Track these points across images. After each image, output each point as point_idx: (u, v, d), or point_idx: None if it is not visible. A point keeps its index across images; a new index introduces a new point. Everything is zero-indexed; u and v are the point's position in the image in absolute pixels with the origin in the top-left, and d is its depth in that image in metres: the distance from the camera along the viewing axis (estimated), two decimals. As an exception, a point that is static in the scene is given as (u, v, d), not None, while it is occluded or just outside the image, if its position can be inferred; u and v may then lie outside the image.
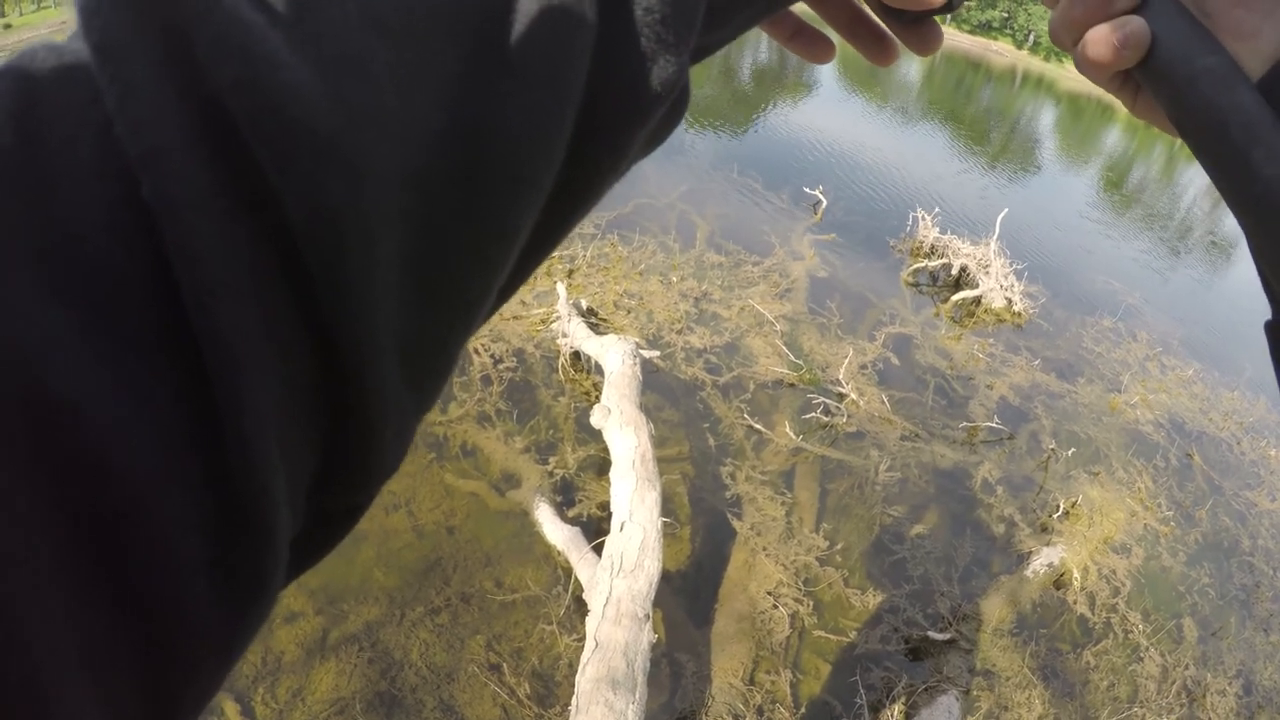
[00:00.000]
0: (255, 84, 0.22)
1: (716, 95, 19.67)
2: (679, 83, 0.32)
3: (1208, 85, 0.43)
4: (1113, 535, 5.59)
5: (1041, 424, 6.74)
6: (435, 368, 0.29)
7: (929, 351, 7.49)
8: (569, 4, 0.28)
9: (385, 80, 0.24)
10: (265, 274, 0.23)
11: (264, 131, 0.22)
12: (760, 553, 4.82)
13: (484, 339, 6.48)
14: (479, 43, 0.27)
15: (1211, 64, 0.43)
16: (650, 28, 0.30)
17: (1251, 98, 0.42)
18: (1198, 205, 25.37)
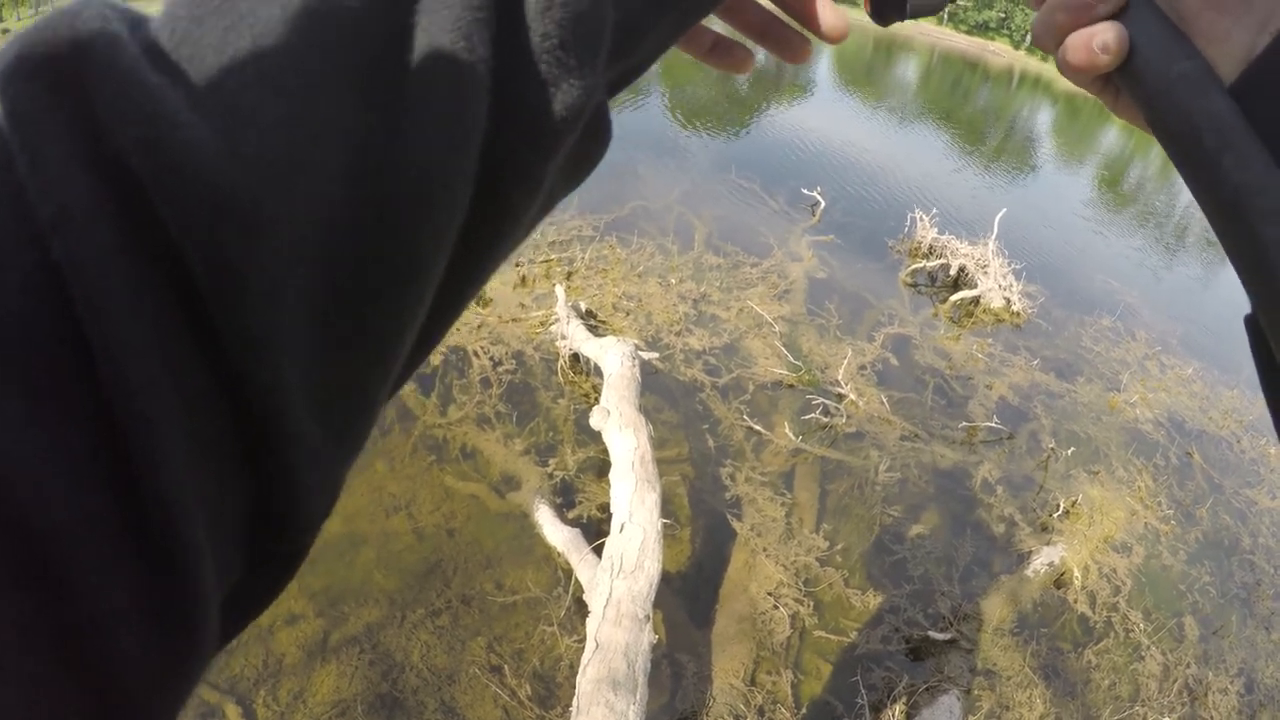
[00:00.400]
0: (155, 143, 0.22)
1: (713, 97, 19.69)
2: (586, 108, 0.32)
3: (1182, 91, 0.44)
4: (1113, 534, 5.59)
5: (1041, 423, 6.74)
6: (355, 413, 0.30)
7: (928, 352, 7.50)
8: (460, 39, 0.28)
9: (282, 133, 0.25)
10: (172, 327, 0.23)
11: (165, 189, 0.22)
12: (760, 553, 4.82)
13: (484, 342, 6.48)
14: (373, 87, 0.27)
15: (1186, 69, 0.44)
16: (549, 54, 0.30)
17: (1224, 103, 0.43)
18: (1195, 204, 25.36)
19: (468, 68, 0.28)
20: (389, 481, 5.02)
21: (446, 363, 6.25)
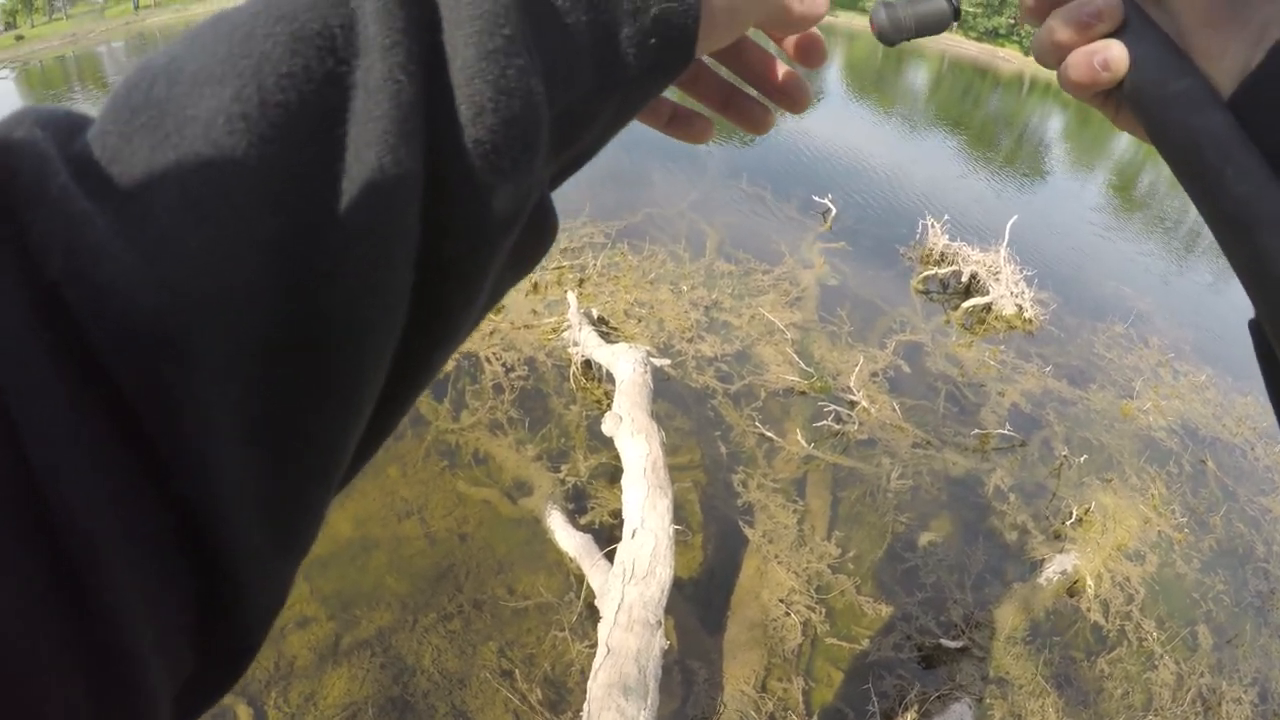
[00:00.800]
0: (83, 275, 0.23)
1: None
2: (523, 210, 0.32)
3: (1182, 106, 0.46)
4: (1126, 542, 5.56)
5: (1054, 430, 6.72)
6: (297, 519, 0.29)
7: (940, 359, 7.48)
8: (387, 153, 0.27)
9: (207, 258, 0.25)
10: (110, 449, 0.23)
11: (95, 321, 0.23)
12: (772, 560, 4.81)
13: (496, 348, 6.50)
14: (299, 206, 0.26)
15: (1185, 86, 0.46)
16: (483, 159, 0.29)
17: (1223, 118, 0.44)
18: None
19: (395, 181, 0.27)
20: (401, 486, 5.04)
21: (459, 369, 6.27)
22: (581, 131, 0.35)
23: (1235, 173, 0.43)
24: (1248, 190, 0.42)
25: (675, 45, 0.37)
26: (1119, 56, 0.48)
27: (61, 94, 22.56)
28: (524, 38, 0.30)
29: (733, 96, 0.48)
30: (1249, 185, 0.42)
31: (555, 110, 0.32)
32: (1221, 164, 0.43)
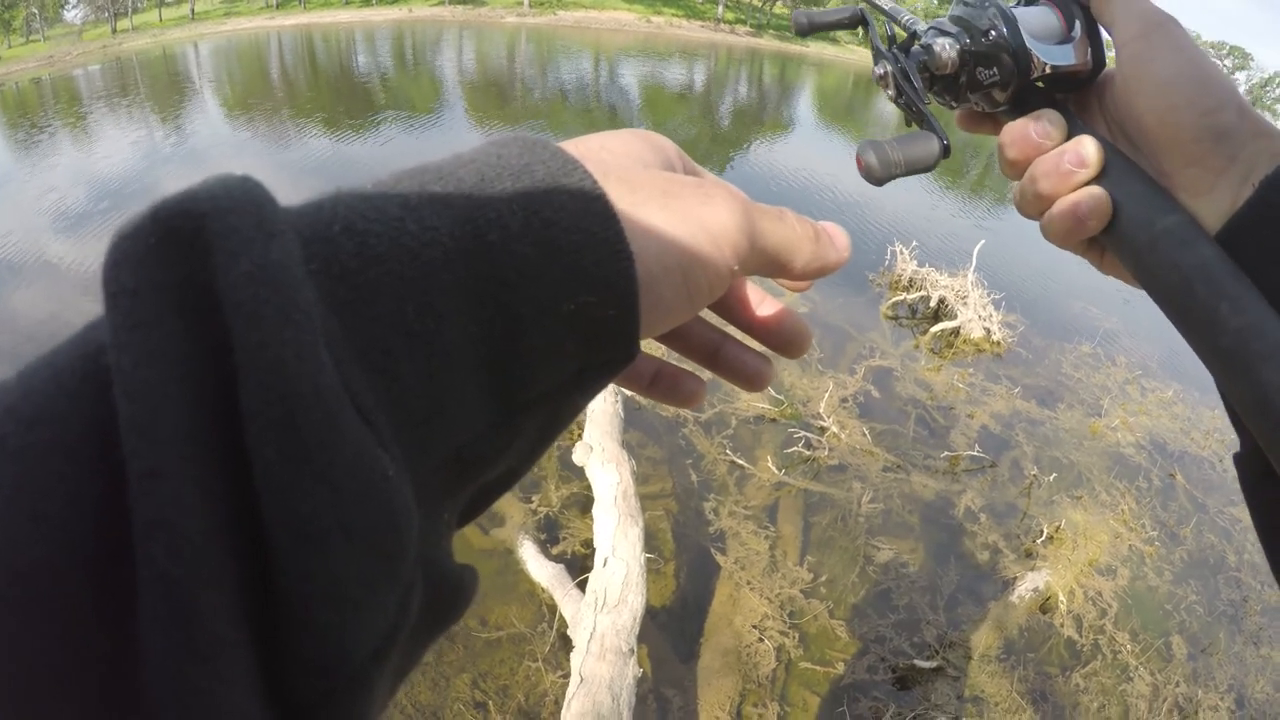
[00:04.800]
0: None
1: (696, 134, 19.90)
2: (401, 622, 0.24)
3: (1169, 244, 0.46)
4: (1098, 557, 5.60)
5: (1023, 451, 6.77)
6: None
7: (909, 383, 7.54)
8: (184, 650, 0.19)
9: None
10: None
11: None
12: (745, 587, 4.82)
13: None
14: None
15: (1171, 224, 0.47)
16: (317, 601, 0.21)
17: (1212, 252, 0.45)
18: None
19: (207, 650, 0.19)
20: (370, 522, 5.01)
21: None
22: (485, 469, 0.28)
23: (1231, 307, 0.43)
24: (1245, 323, 0.42)
25: (604, 345, 0.29)
26: (1102, 204, 0.49)
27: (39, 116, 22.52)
28: (362, 386, 0.22)
29: (722, 346, 0.42)
30: (1246, 318, 0.43)
31: (432, 463, 0.25)
32: (1216, 299, 0.44)
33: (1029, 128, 0.53)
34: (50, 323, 7.96)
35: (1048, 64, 0.54)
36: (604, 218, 0.28)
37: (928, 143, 0.55)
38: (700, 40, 48.88)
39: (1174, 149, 0.48)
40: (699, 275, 0.32)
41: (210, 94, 25.04)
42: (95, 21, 50.70)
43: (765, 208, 0.36)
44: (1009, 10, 0.55)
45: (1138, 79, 0.51)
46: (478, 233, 0.26)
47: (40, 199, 12.32)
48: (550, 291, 0.27)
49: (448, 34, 43.48)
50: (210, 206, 0.21)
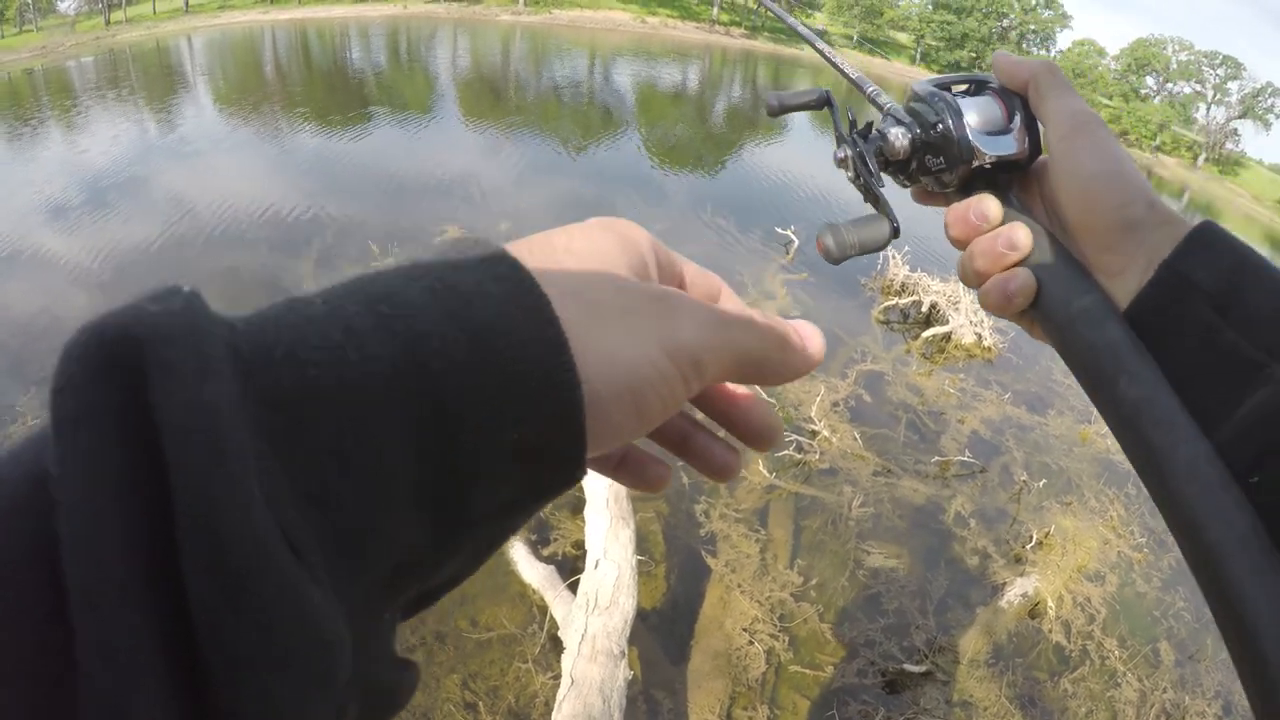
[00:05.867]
0: None
1: (690, 137, 19.92)
2: None
3: (1083, 323, 0.52)
4: (1086, 563, 5.62)
5: (1013, 456, 6.80)
6: None
7: (900, 388, 7.56)
8: None
9: None
10: None
11: None
12: (735, 589, 4.83)
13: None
14: None
15: (1085, 304, 0.52)
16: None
17: (1119, 331, 0.51)
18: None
19: None
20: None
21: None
22: (426, 580, 0.28)
23: (1129, 379, 0.48)
24: (1140, 395, 0.48)
25: (549, 471, 0.29)
26: (1028, 284, 0.55)
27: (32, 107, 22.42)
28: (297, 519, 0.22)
29: (691, 436, 0.41)
30: (1141, 389, 0.48)
31: (369, 580, 0.25)
32: (1116, 371, 0.49)
33: (969, 210, 0.60)
34: (41, 316, 7.93)
35: (988, 154, 0.59)
36: (554, 347, 0.28)
37: (879, 225, 0.62)
38: (695, 41, 48.88)
39: (1092, 236, 0.55)
40: (651, 398, 0.31)
41: (204, 87, 24.95)
42: (89, 13, 50.31)
43: (734, 317, 0.35)
44: (956, 104, 0.61)
45: (1062, 174, 0.57)
46: (421, 363, 0.25)
47: (31, 191, 12.26)
48: (494, 422, 0.26)
49: (442, 31, 43.39)
50: (149, 334, 0.21)
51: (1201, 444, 0.45)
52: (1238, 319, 0.48)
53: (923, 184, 0.65)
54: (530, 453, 0.27)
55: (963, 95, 0.63)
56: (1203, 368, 0.48)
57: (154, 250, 9.65)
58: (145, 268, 9.13)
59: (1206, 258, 0.50)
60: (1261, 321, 0.47)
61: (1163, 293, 0.51)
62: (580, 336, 0.29)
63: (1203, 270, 0.50)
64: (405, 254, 0.31)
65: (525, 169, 14.32)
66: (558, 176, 13.80)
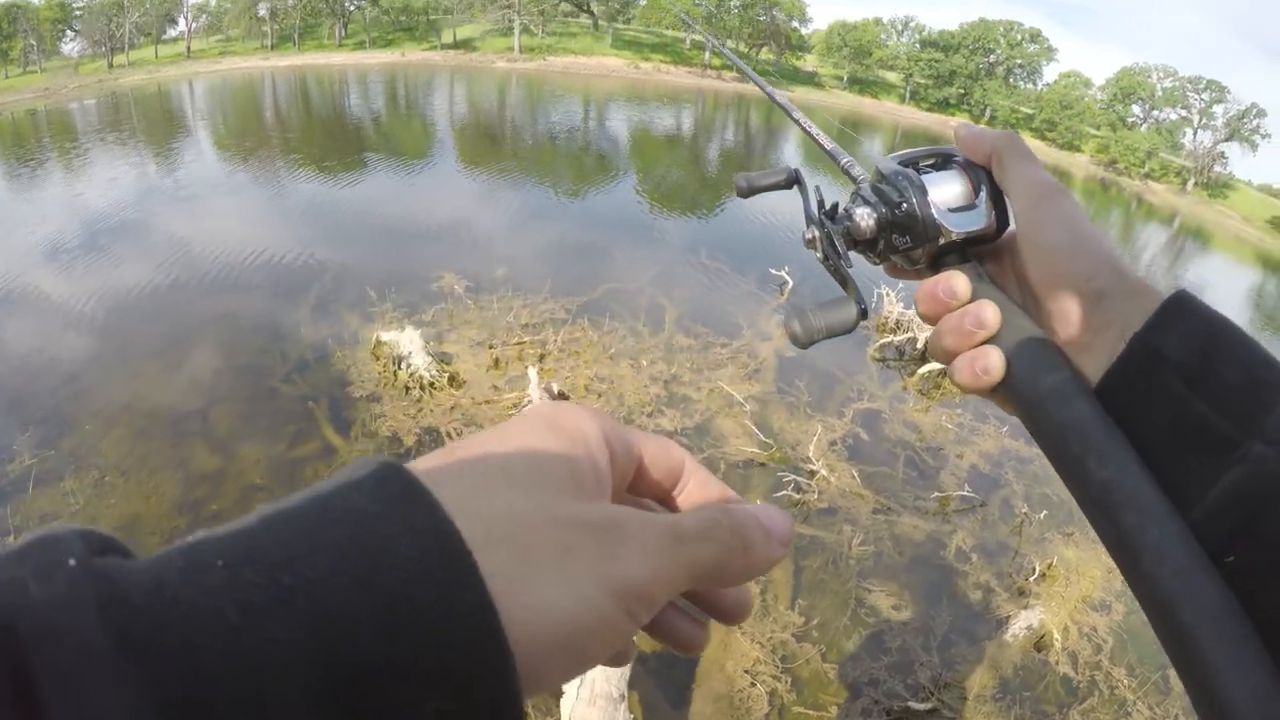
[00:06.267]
0: None
1: (684, 181, 20.06)
2: None
3: (1050, 402, 0.51)
4: (1091, 593, 5.59)
5: (1013, 489, 6.78)
6: None
7: (898, 425, 7.56)
8: None
9: None
10: None
11: None
12: (736, 631, 4.79)
13: (456, 423, 6.52)
14: None
15: (1054, 381, 0.51)
16: None
17: (1087, 408, 0.49)
18: (1156, 263, 25.86)
19: None
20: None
21: (420, 444, 6.28)
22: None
23: (1097, 459, 0.47)
24: (1108, 474, 0.46)
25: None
26: (996, 364, 0.54)
27: (32, 148, 22.58)
28: None
29: (664, 612, 0.38)
30: (1109, 470, 0.47)
31: None
32: (1084, 451, 0.48)
33: (938, 288, 0.58)
34: (36, 356, 7.96)
35: (954, 231, 0.59)
36: (480, 614, 0.25)
37: (846, 309, 0.61)
38: (687, 86, 49.41)
39: (1059, 310, 0.54)
40: (592, 645, 0.29)
41: (204, 132, 25.20)
42: (92, 56, 50.98)
43: (690, 529, 0.32)
44: (920, 182, 0.60)
45: (1027, 246, 0.56)
46: (328, 645, 0.23)
47: (30, 231, 12.36)
48: (412, 702, 0.24)
49: (439, 78, 43.87)
50: (32, 630, 0.20)
51: (1173, 524, 0.45)
52: (1209, 392, 0.47)
53: (893, 261, 0.65)
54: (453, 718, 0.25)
55: (929, 170, 0.62)
56: (1175, 444, 0.47)
57: (150, 293, 9.70)
58: (142, 311, 9.17)
59: (1178, 329, 0.49)
60: (1233, 395, 0.46)
61: (1132, 368, 0.50)
62: (511, 590, 0.27)
63: (1174, 343, 0.49)
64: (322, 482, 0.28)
65: (521, 214, 14.44)
66: (553, 221, 13.90)
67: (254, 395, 7.25)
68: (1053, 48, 56.98)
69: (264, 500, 0.27)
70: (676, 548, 0.31)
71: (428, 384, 7.10)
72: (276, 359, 7.85)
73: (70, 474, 5.98)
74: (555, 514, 0.30)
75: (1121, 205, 41.77)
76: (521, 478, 0.31)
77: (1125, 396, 0.50)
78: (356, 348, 7.97)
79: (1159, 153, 52.20)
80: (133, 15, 50.99)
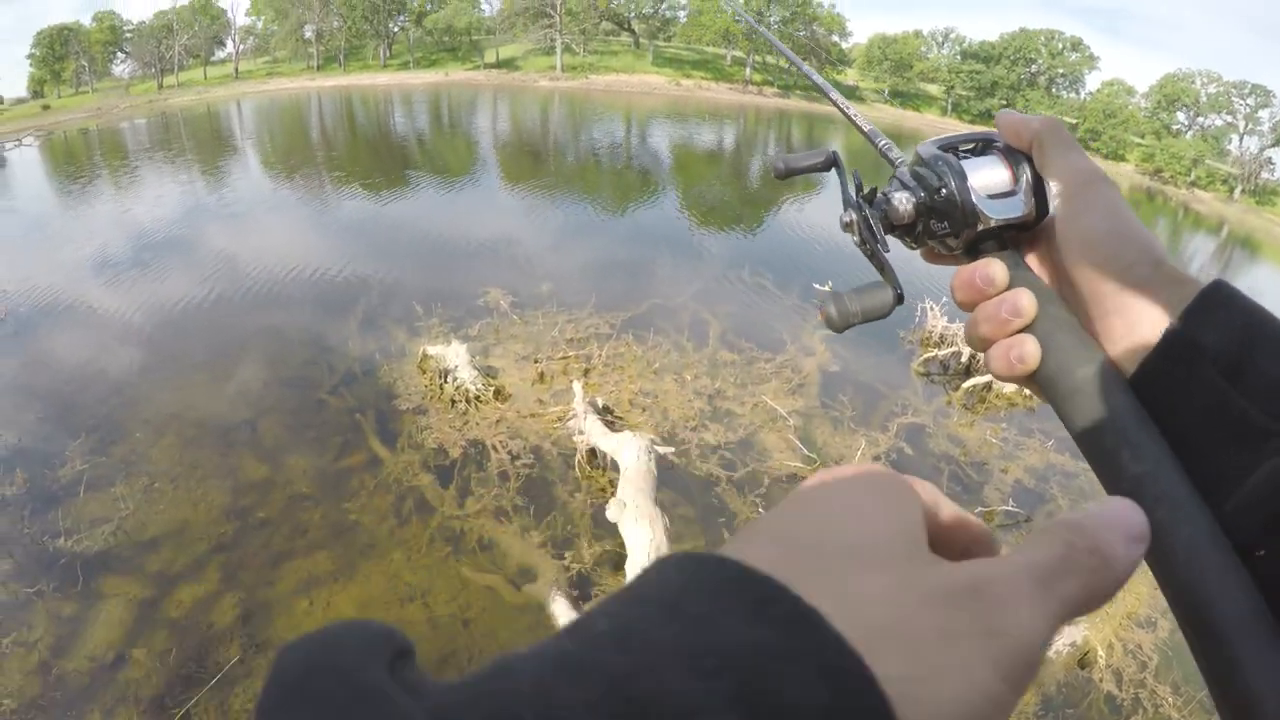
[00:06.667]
0: None
1: (728, 197, 20.07)
2: None
3: (1085, 393, 0.51)
4: (1136, 609, 5.52)
5: (1058, 504, 6.72)
6: None
7: (942, 439, 7.52)
8: None
9: None
10: None
11: None
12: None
13: (502, 436, 6.59)
14: None
15: (1088, 373, 0.51)
16: None
17: (1123, 400, 0.49)
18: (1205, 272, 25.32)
19: None
20: (405, 571, 5.07)
21: (465, 456, 6.36)
22: None
23: (1131, 454, 0.47)
24: (1142, 470, 0.46)
25: None
26: (1032, 352, 0.54)
27: (84, 165, 23.09)
28: None
29: None
30: (1144, 466, 0.46)
31: None
32: (1119, 446, 0.47)
33: (975, 275, 0.57)
34: (87, 367, 8.16)
35: (993, 218, 0.58)
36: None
37: (883, 293, 0.61)
38: (729, 102, 49.47)
39: (1097, 299, 0.53)
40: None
41: (252, 150, 25.64)
42: (142, 77, 52.18)
43: (1051, 564, 0.28)
44: (960, 167, 0.59)
45: (1066, 235, 0.55)
46: None
47: (81, 246, 12.68)
48: None
49: (482, 97, 44.28)
50: None
51: (1204, 521, 0.43)
52: (1248, 385, 0.45)
53: (930, 246, 0.64)
54: None
55: (968, 156, 0.61)
56: (1211, 436, 0.46)
57: (199, 306, 9.92)
58: (191, 324, 9.38)
59: (1217, 320, 0.48)
60: (1272, 387, 0.44)
61: (1169, 359, 0.48)
62: (909, 698, 0.23)
63: (1212, 334, 0.47)
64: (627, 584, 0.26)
65: (565, 230, 14.55)
66: (597, 237, 14.01)
67: (301, 407, 7.38)
68: (1094, 56, 56.41)
69: (310, 509, 0.25)
70: (1047, 594, 0.28)
71: (473, 397, 7.19)
72: (324, 371, 7.99)
73: (121, 480, 6.14)
74: (920, 589, 0.27)
75: (1168, 214, 41.12)
76: (868, 552, 0.28)
77: (1161, 388, 0.49)
78: (403, 361, 8.10)
79: (1205, 160, 51.30)
80: (181, 37, 52.16)
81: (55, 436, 6.77)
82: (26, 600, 4.96)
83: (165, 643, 4.64)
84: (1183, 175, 50.64)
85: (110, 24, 52.21)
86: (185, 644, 4.62)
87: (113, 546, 5.41)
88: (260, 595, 4.95)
